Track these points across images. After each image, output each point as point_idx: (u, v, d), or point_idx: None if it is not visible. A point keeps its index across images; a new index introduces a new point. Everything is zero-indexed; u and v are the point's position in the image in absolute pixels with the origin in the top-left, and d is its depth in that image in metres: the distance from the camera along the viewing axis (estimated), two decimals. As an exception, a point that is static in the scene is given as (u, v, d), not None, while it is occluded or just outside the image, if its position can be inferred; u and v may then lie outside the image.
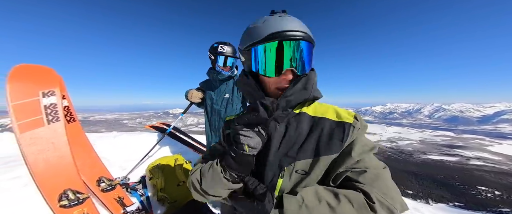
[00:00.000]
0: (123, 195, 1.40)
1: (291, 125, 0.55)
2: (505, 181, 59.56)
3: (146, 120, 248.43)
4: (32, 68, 1.26)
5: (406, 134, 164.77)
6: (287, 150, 0.52)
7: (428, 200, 46.61)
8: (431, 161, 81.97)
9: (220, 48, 1.52)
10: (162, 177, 1.64)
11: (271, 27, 0.49)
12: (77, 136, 1.48)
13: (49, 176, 1.17)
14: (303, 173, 0.50)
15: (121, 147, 2.24)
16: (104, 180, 1.40)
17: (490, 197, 50.08)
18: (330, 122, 0.54)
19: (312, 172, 0.50)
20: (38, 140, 1.18)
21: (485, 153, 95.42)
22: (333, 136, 0.51)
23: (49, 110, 1.24)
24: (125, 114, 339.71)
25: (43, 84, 1.26)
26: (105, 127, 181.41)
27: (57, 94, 1.28)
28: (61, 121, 1.25)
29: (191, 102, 1.85)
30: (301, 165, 0.50)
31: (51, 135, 1.21)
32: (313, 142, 0.51)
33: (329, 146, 0.50)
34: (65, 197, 1.17)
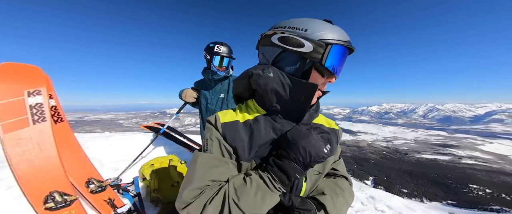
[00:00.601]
0: (114, 197, 1.36)
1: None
2: (495, 179, 61.40)
3: (142, 119, 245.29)
4: (16, 67, 1.21)
5: (401, 133, 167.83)
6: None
7: (423, 198, 47.60)
8: (425, 160, 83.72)
9: (216, 48, 1.51)
10: (156, 177, 1.61)
11: (344, 34, 0.52)
12: (65, 136, 1.43)
13: (34, 177, 1.12)
14: (317, 173, 0.59)
15: (114, 147, 2.18)
16: (93, 181, 1.36)
17: (481, 195, 51.52)
18: (326, 129, 0.59)
19: (323, 172, 0.60)
20: (22, 141, 1.13)
21: (476, 152, 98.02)
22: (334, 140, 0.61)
23: (34, 109, 1.20)
24: (121, 113, 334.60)
25: (29, 84, 1.21)
26: (100, 126, 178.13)
27: (44, 93, 1.23)
28: (47, 121, 1.20)
29: (185, 102, 1.83)
30: (317, 166, 0.58)
31: (36, 136, 1.17)
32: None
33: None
34: (51, 199, 1.13)
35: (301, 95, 0.52)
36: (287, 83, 0.52)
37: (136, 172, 1.86)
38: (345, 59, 0.54)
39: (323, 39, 0.49)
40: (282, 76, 0.52)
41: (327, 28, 0.50)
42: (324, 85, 0.55)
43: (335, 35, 0.50)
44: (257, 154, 0.53)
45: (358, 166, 72.94)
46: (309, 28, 0.50)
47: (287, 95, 0.52)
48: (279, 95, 0.53)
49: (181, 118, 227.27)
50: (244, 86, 0.60)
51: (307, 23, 0.50)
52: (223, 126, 0.55)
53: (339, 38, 0.50)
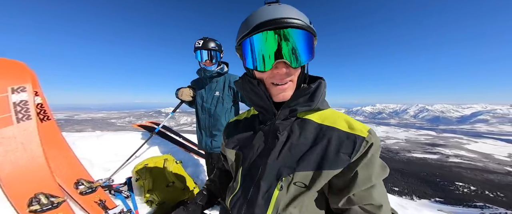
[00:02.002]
0: (105, 198, 1.30)
1: (293, 133, 0.50)
2: (479, 177, 64.56)
3: (136, 119, 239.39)
4: (0, 62, 1.13)
5: (393, 133, 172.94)
6: (287, 160, 0.47)
7: (412, 196, 49.37)
8: (415, 159, 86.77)
9: (196, 43, 1.46)
10: (150, 177, 1.56)
11: (258, 18, 0.43)
12: (52, 135, 1.35)
13: (17, 179, 1.05)
14: (302, 186, 0.46)
15: (105, 147, 2.10)
16: (83, 182, 1.29)
17: (466, 192, 54.05)
18: (340, 132, 0.47)
19: (313, 186, 0.45)
20: (5, 140, 1.06)
21: (462, 151, 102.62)
22: (341, 149, 0.45)
23: (19, 107, 1.12)
24: (114, 112, 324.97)
25: (13, 80, 1.14)
26: (91, 126, 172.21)
27: (29, 90, 1.16)
28: (32, 120, 1.13)
29: (181, 101, 1.78)
30: (301, 177, 0.46)
31: (20, 135, 1.10)
32: (317, 153, 0.46)
33: (334, 160, 0.45)
34: (36, 201, 1.06)
35: (256, 92, 0.52)
36: (249, 84, 0.53)
37: (129, 173, 1.80)
38: (267, 42, 0.44)
39: (237, 42, 0.50)
40: (243, 80, 0.55)
41: (245, 25, 0.46)
42: (272, 79, 0.48)
43: (244, 29, 0.46)
44: (238, 145, 0.59)
45: (351, 165, 74.34)
46: (237, 35, 0.50)
47: (249, 96, 0.55)
48: (250, 96, 0.55)
49: (177, 117, 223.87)
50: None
51: (239, 29, 0.50)
52: (227, 125, 0.70)
53: (247, 29, 0.45)
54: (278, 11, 0.43)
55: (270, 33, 0.43)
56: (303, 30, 0.44)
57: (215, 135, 1.56)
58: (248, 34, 0.45)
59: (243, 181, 0.53)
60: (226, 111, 1.55)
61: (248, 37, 0.45)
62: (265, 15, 0.43)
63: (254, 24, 0.43)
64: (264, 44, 0.44)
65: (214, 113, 1.54)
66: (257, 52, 0.46)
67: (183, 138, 2.71)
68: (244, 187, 0.52)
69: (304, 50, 0.45)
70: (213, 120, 1.54)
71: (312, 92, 0.49)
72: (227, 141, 0.64)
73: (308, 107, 0.50)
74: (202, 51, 1.45)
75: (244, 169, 0.54)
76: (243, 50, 0.49)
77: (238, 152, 0.58)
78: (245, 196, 0.50)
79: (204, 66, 1.50)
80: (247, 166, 0.54)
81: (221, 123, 1.53)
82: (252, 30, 0.44)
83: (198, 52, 1.46)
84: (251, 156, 0.53)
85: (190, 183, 1.70)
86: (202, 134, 1.62)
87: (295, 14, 0.44)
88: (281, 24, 0.42)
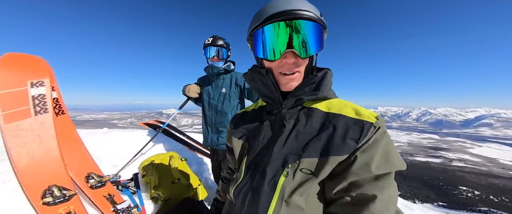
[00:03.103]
0: (114, 193, 1.33)
1: (300, 121, 0.50)
2: (484, 181, 63.33)
3: (138, 119, 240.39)
4: (22, 58, 1.18)
5: (396, 136, 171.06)
6: (293, 147, 0.47)
7: (415, 200, 48.53)
8: (418, 163, 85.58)
9: (206, 41, 1.52)
10: (156, 174, 1.59)
11: (271, 9, 0.45)
12: (66, 129, 1.40)
13: (33, 170, 1.09)
14: (308, 172, 0.44)
15: (113, 143, 2.14)
16: (93, 176, 1.33)
17: (470, 196, 52.99)
18: (346, 119, 0.46)
19: (319, 173, 0.43)
20: (23, 132, 1.10)
21: (466, 155, 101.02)
22: (348, 135, 0.44)
23: (37, 100, 1.17)
24: (116, 113, 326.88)
25: (33, 74, 1.18)
26: (93, 126, 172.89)
27: (47, 85, 1.21)
28: (49, 113, 1.17)
29: (188, 97, 1.82)
30: (307, 163, 0.44)
31: (37, 127, 1.14)
32: (323, 140, 0.45)
33: (341, 146, 0.43)
34: (49, 193, 1.09)
35: (267, 81, 0.53)
36: (257, 75, 0.55)
37: (135, 169, 1.83)
38: (275, 34, 0.46)
39: (249, 33, 0.52)
40: (251, 71, 0.57)
41: (257, 17, 0.48)
42: (281, 68, 0.49)
43: (256, 21, 0.48)
44: (245, 135, 0.60)
45: (353, 168, 73.70)
46: (249, 26, 0.52)
47: (257, 86, 0.56)
48: (258, 86, 0.56)
49: (178, 118, 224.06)
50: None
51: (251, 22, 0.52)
52: (234, 116, 0.71)
53: (256, 22, 0.47)
54: (290, 3, 0.45)
55: (282, 24, 0.44)
56: (314, 22, 0.45)
57: (221, 131, 1.59)
58: (260, 24, 0.46)
59: (247, 170, 0.53)
60: (232, 108, 1.58)
61: (260, 28, 0.47)
62: (277, 6, 0.45)
63: (267, 15, 0.45)
64: (275, 35, 0.46)
65: (220, 109, 1.57)
66: (268, 42, 0.47)
67: (187, 137, 2.74)
68: (249, 175, 0.51)
69: (314, 41, 0.46)
70: (220, 117, 1.58)
71: (318, 82, 0.49)
72: (234, 131, 0.64)
73: (314, 96, 0.50)
74: (210, 47, 1.50)
75: (249, 158, 0.54)
76: (255, 40, 0.50)
77: (244, 142, 0.58)
78: (251, 184, 0.49)
79: (212, 62, 1.54)
80: (252, 155, 0.54)
81: (228, 119, 1.57)
82: (265, 21, 0.45)
83: (207, 49, 1.51)
84: (256, 144, 0.54)
85: (194, 180, 1.72)
86: (208, 130, 1.65)
87: (307, 6, 0.45)
88: (293, 16, 0.43)
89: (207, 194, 1.71)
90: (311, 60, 0.51)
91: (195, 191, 1.65)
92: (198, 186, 1.69)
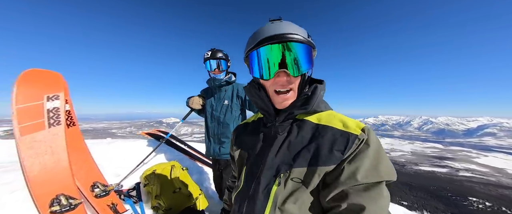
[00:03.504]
0: (117, 202, 1.36)
1: (292, 133, 0.55)
2: (494, 192, 60.70)
3: (137, 129, 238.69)
4: (40, 73, 1.29)
5: (398, 145, 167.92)
6: (285, 157, 0.52)
7: (423, 211, 46.15)
8: (423, 172, 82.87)
9: (205, 55, 1.58)
10: (158, 183, 1.62)
11: (264, 33, 0.51)
12: (76, 140, 1.47)
13: (43, 180, 1.14)
14: (298, 181, 0.48)
15: (115, 153, 2.19)
16: (98, 185, 1.37)
17: (481, 208, 50.41)
18: (334, 130, 0.50)
19: (308, 182, 0.47)
20: (36, 144, 1.17)
21: (473, 165, 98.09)
22: (334, 146, 0.47)
23: (51, 113, 1.26)
24: (115, 122, 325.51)
25: (49, 89, 1.28)
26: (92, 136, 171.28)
27: (61, 98, 1.30)
28: (62, 125, 1.25)
29: (191, 109, 1.90)
30: (297, 173, 0.48)
31: (50, 139, 1.21)
32: (312, 150, 0.49)
33: (328, 157, 0.47)
34: (57, 202, 1.14)
35: (259, 96, 0.59)
36: (250, 92, 0.62)
37: (137, 178, 1.86)
38: (271, 54, 0.51)
39: (245, 55, 0.57)
40: (248, 86, 0.63)
41: (252, 39, 0.54)
42: (275, 86, 0.55)
43: (250, 43, 0.54)
44: (244, 145, 0.65)
45: (357, 179, 71.31)
46: (245, 47, 0.57)
47: (254, 100, 0.61)
48: (255, 100, 0.61)
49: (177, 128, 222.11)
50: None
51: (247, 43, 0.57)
52: (237, 127, 0.76)
53: (251, 44, 0.53)
54: (281, 28, 0.51)
55: (274, 47, 0.50)
56: (303, 43, 0.51)
57: (223, 141, 1.63)
58: (255, 46, 0.52)
59: (246, 178, 0.58)
60: (234, 119, 1.64)
61: (255, 50, 0.53)
62: (270, 30, 0.51)
63: (261, 38, 0.51)
64: (269, 56, 0.51)
65: (223, 121, 1.63)
66: (263, 63, 0.53)
67: (188, 146, 2.78)
68: (246, 184, 0.56)
69: (304, 61, 0.52)
70: (222, 128, 1.63)
71: (307, 97, 0.55)
72: (236, 141, 0.70)
73: (304, 110, 0.54)
74: (211, 61, 1.56)
75: (247, 168, 0.59)
76: (250, 61, 0.56)
77: (243, 152, 0.64)
78: (247, 192, 0.54)
79: (214, 75, 1.60)
80: (249, 164, 0.59)
81: (230, 130, 1.62)
82: (259, 43, 0.51)
83: (207, 62, 1.58)
84: (254, 154, 0.59)
85: (195, 189, 1.74)
86: (210, 141, 1.69)
87: (296, 30, 0.51)
88: (284, 39, 0.49)
89: (207, 204, 1.72)
90: (303, 76, 0.56)
91: (196, 200, 1.66)
92: (199, 195, 1.70)
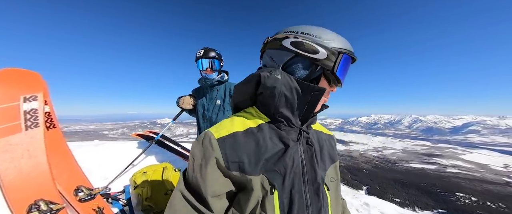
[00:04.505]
0: (104, 205, 1.30)
1: (314, 140, 0.58)
2: (479, 187, 63.96)
3: (130, 130, 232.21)
4: (17, 73, 1.21)
5: (390, 143, 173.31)
6: (320, 163, 0.55)
7: (415, 207, 47.87)
8: (413, 169, 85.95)
9: (198, 53, 1.54)
10: (149, 185, 1.57)
11: (350, 45, 0.51)
12: (57, 143, 1.38)
13: (20, 185, 1.07)
14: (334, 179, 0.57)
15: (103, 156, 2.10)
16: (82, 189, 1.30)
17: (468, 203, 52.99)
18: (324, 134, 0.63)
19: (338, 176, 0.60)
20: (12, 147, 1.10)
21: (459, 161, 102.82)
22: (332, 145, 0.64)
23: (28, 115, 1.18)
24: (107, 124, 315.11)
25: (26, 89, 1.21)
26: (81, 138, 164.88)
27: (40, 99, 1.23)
28: (40, 127, 1.18)
29: (182, 109, 1.85)
30: (331, 172, 0.57)
31: (27, 142, 1.14)
32: (326, 151, 0.59)
33: (334, 153, 0.62)
34: (35, 208, 1.06)
35: (308, 100, 0.49)
36: (295, 87, 0.48)
37: (126, 181, 1.79)
38: (348, 67, 0.53)
39: (335, 48, 0.48)
40: (290, 80, 0.48)
41: (336, 37, 0.50)
42: (328, 94, 0.54)
43: (345, 45, 0.50)
44: (266, 167, 0.47)
45: (352, 176, 73.24)
46: (322, 36, 0.48)
47: (295, 100, 0.49)
48: (287, 100, 0.49)
49: (173, 128, 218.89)
50: (248, 91, 0.54)
51: (318, 31, 0.49)
52: (220, 142, 0.46)
53: (347, 48, 0.50)
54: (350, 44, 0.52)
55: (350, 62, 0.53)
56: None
57: None
58: (351, 53, 0.51)
59: (290, 204, 0.46)
60: None
61: (350, 57, 0.51)
62: (350, 44, 0.51)
63: (352, 50, 0.51)
64: (348, 68, 0.53)
65: (215, 121, 1.61)
66: (346, 71, 0.52)
67: (181, 147, 2.71)
68: (298, 205, 0.47)
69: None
70: None
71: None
72: (245, 166, 0.46)
73: (316, 119, 0.60)
74: (203, 60, 1.52)
75: (284, 190, 0.47)
76: (342, 62, 0.50)
77: (265, 175, 0.46)
78: (307, 213, 0.48)
79: (206, 75, 1.56)
80: (290, 183, 0.47)
81: None
82: (352, 54, 0.51)
83: (199, 61, 1.53)
84: (294, 170, 0.48)
85: (188, 191, 1.70)
86: None
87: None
88: (355, 57, 0.53)
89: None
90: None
91: (188, 203, 1.62)
92: (191, 197, 1.66)
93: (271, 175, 0.47)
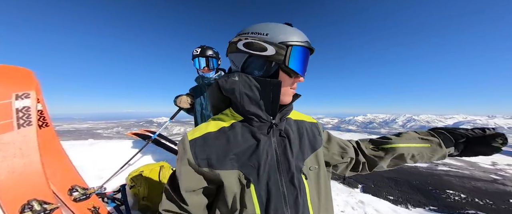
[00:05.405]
0: (99, 205, 1.29)
1: (291, 128, 0.59)
2: (468, 184, 66.27)
3: (125, 129, 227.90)
4: (8, 69, 1.17)
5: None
6: (297, 153, 0.55)
7: (407, 205, 49.26)
8: (407, 167, 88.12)
9: (194, 51, 1.52)
10: (145, 185, 1.56)
11: (303, 36, 0.53)
12: (50, 141, 1.35)
13: (12, 185, 1.04)
14: (315, 168, 0.57)
15: (98, 155, 2.07)
16: (77, 189, 1.28)
17: (457, 200, 54.90)
18: (306, 123, 0.64)
19: (320, 164, 0.58)
20: (4, 146, 1.07)
21: (450, 159, 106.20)
22: (315, 133, 0.64)
23: (21, 113, 1.15)
24: (101, 122, 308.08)
25: (18, 87, 1.17)
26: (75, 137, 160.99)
27: (32, 97, 1.20)
28: (33, 126, 1.15)
29: (179, 108, 1.84)
30: (311, 161, 0.57)
31: (20, 140, 1.11)
32: (307, 140, 0.60)
33: (316, 141, 0.62)
34: (28, 208, 1.04)
35: (270, 94, 0.52)
36: (254, 85, 0.51)
37: (122, 181, 1.77)
38: (307, 58, 0.54)
39: (283, 42, 0.51)
40: (248, 79, 0.52)
41: (287, 31, 0.52)
42: (293, 85, 0.56)
43: (294, 37, 0.52)
44: (240, 162, 0.50)
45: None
46: (270, 32, 0.51)
47: (258, 96, 0.52)
48: (250, 98, 0.52)
49: (170, 127, 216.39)
50: (217, 96, 0.58)
51: (268, 28, 0.52)
52: (191, 143, 0.52)
53: (298, 40, 0.52)
54: (304, 35, 0.54)
55: (309, 53, 0.55)
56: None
57: None
58: (302, 43, 0.52)
59: (267, 195, 0.49)
60: None
61: (302, 47, 0.52)
62: (305, 36, 0.53)
63: (305, 40, 0.52)
64: (306, 58, 0.54)
65: None
66: (302, 61, 0.53)
67: (178, 146, 2.69)
68: (274, 198, 0.49)
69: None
70: None
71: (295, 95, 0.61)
72: (212, 161, 0.50)
73: (291, 110, 0.61)
74: (200, 58, 1.51)
75: (260, 185, 0.49)
76: (293, 53, 0.51)
77: (241, 170, 0.50)
78: (285, 202, 0.49)
79: (203, 73, 1.56)
80: (265, 178, 0.50)
81: None
82: (305, 43, 0.52)
83: (196, 60, 1.52)
84: (268, 163, 0.51)
85: (185, 190, 1.70)
86: None
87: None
88: (310, 47, 0.54)
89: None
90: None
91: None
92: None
93: (246, 170, 0.50)
